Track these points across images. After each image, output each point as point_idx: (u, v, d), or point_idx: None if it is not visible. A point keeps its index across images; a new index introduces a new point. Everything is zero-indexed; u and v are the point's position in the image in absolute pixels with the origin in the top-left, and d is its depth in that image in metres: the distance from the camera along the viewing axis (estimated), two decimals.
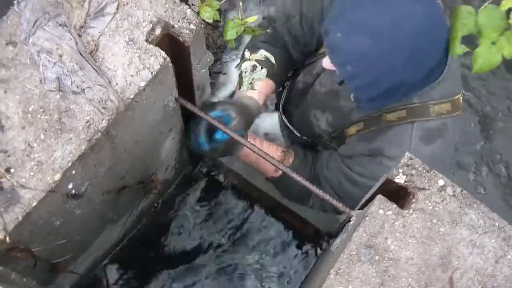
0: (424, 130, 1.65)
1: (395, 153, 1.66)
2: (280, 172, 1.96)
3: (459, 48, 1.39)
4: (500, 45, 1.31)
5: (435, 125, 1.64)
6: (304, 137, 2.07)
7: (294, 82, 2.05)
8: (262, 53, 1.58)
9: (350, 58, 1.44)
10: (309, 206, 2.07)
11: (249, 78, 1.75)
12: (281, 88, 2.17)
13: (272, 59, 1.72)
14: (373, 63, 1.42)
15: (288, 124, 2.12)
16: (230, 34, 1.53)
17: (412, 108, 1.63)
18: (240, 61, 1.81)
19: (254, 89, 1.80)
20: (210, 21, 1.53)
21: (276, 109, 2.20)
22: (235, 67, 1.56)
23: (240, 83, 1.73)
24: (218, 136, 1.75)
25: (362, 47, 1.41)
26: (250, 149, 1.65)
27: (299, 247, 2.45)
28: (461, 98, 1.69)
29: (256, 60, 1.64)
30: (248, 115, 1.81)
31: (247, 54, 1.64)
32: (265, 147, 1.88)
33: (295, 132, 2.10)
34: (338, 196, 1.76)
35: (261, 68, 1.77)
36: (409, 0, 1.40)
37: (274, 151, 1.95)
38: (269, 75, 1.86)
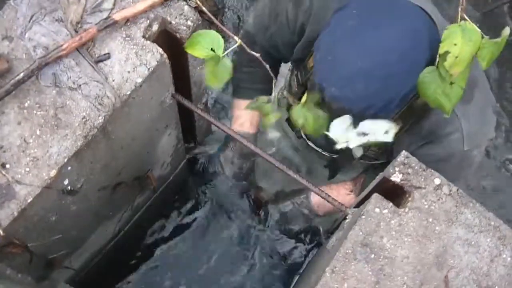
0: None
1: (449, 130, 1.65)
2: (356, 192, 1.99)
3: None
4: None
5: None
6: (333, 155, 2.06)
7: None
8: None
9: (354, 102, 1.45)
10: None
11: None
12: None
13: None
14: (378, 97, 1.43)
15: (315, 147, 2.11)
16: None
17: None
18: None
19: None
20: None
21: (298, 137, 2.18)
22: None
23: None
24: None
25: (359, 92, 1.42)
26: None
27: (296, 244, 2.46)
28: None
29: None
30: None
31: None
32: (333, 187, 2.00)
33: (324, 153, 2.09)
34: None
35: None
36: (383, 30, 1.41)
37: (342, 186, 2.02)
38: None
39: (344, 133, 1.48)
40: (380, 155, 1.91)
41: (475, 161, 1.75)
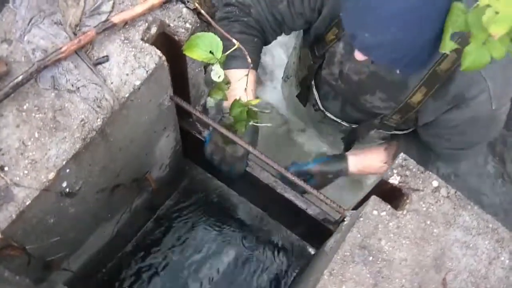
0: None
1: (475, 92, 1.68)
2: (384, 168, 1.98)
3: (448, 45, 1.37)
4: (490, 45, 1.28)
5: None
6: (352, 125, 2.08)
7: (320, 78, 2.03)
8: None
9: (387, 50, 1.46)
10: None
11: None
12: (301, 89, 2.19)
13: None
14: (411, 44, 1.44)
15: (334, 117, 2.12)
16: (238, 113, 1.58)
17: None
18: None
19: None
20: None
21: (315, 110, 2.18)
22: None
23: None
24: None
25: (393, 37, 1.43)
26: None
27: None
28: None
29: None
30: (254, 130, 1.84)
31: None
32: (368, 154, 2.00)
33: (342, 123, 2.10)
34: (458, 149, 1.88)
35: None
36: None
37: (377, 151, 2.02)
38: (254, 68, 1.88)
39: None
40: (402, 124, 1.93)
41: (502, 119, 1.79)
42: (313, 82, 2.08)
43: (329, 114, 2.12)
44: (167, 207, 2.45)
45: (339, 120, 2.10)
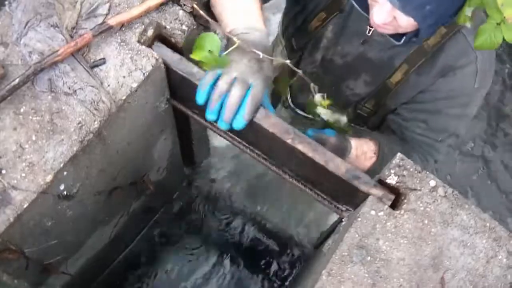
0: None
1: (464, 61, 1.68)
2: (374, 159, 1.87)
3: (462, 18, 1.41)
4: (504, 27, 1.32)
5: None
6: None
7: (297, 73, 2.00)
8: None
9: None
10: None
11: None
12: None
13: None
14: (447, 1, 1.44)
15: (305, 114, 2.09)
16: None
17: None
18: None
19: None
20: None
21: (285, 107, 2.14)
22: None
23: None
24: None
25: None
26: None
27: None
28: None
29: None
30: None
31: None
32: (362, 140, 1.85)
33: (316, 119, 2.06)
34: (432, 140, 1.81)
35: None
36: None
37: (368, 145, 1.88)
38: None
39: None
40: (373, 115, 1.90)
41: (474, 111, 1.78)
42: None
43: (300, 112, 2.10)
44: (166, 210, 2.45)
45: (310, 116, 2.07)
